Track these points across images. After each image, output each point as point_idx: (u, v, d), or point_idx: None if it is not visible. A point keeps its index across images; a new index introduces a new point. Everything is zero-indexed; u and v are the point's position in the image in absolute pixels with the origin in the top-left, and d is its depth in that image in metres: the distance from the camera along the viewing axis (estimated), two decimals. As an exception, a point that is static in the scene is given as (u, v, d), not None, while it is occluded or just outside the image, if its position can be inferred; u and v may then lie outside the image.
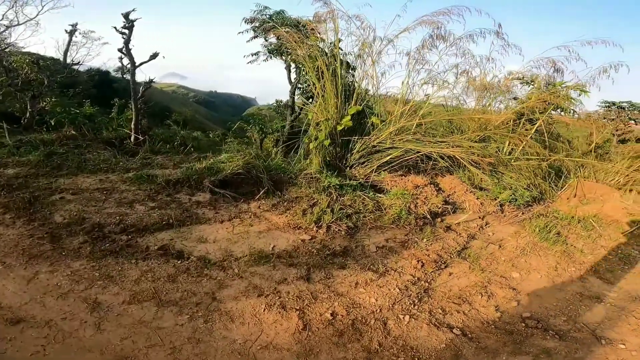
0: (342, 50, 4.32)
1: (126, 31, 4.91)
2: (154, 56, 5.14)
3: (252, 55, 7.84)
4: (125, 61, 5.11)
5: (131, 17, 4.90)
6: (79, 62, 11.60)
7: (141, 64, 5.04)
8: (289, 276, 2.38)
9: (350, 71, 4.77)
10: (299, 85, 7.05)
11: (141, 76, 5.36)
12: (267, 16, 6.96)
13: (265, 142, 7.55)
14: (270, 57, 7.59)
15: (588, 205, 4.01)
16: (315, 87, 4.15)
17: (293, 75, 7.29)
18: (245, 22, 7.12)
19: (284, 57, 7.33)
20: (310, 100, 5.94)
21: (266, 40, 7.40)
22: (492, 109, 5.20)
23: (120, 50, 5.01)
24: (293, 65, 7.01)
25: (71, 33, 12.76)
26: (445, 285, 2.60)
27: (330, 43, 4.50)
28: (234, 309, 2.03)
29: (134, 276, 2.21)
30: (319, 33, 4.52)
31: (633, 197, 4.25)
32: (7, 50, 8.13)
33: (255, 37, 7.41)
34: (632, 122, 8.29)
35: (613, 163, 4.75)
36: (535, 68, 4.78)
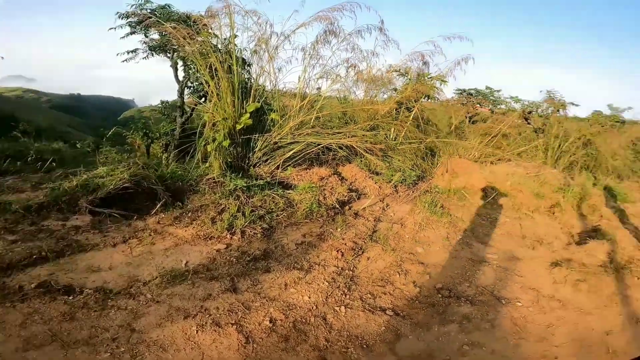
0: (237, 46, 4.11)
1: None
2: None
3: (129, 53, 6.76)
4: None
5: None
6: None
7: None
8: (212, 291, 2.18)
9: (247, 68, 4.59)
10: (189, 84, 6.43)
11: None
12: (149, 10, 6.08)
13: (153, 149, 6.69)
14: (152, 55, 6.68)
15: (458, 179, 4.81)
16: (209, 86, 3.85)
17: (181, 74, 6.59)
18: (120, 17, 6.06)
19: (169, 55, 6.55)
20: (204, 99, 5.50)
21: (146, 37, 6.47)
22: (379, 99, 5.77)
23: None
24: (181, 63, 6.32)
25: None
26: (366, 270, 2.74)
27: (225, 39, 4.23)
28: (162, 336, 1.76)
29: (16, 321, 1.72)
30: (211, 29, 4.19)
31: (488, 168, 5.32)
32: None
33: (132, 33, 6.39)
34: (478, 105, 10.37)
35: (469, 141, 5.84)
36: (410, 61, 5.45)
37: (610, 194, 6.12)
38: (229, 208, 3.10)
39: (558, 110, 7.51)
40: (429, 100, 6.77)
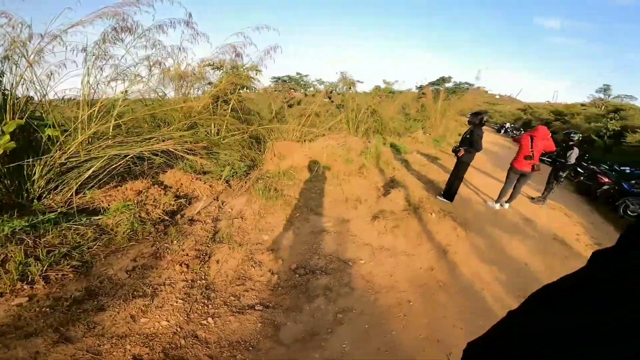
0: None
1: None
2: None
3: None
4: None
5: None
6: None
7: None
8: (38, 347, 1.74)
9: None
10: None
11: None
12: None
13: None
14: None
15: (285, 160, 5.22)
16: None
17: None
18: None
19: None
20: None
21: None
22: (192, 96, 5.46)
23: None
24: None
25: None
26: (220, 274, 2.65)
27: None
28: None
29: None
30: None
31: (308, 146, 5.98)
32: None
33: None
34: (292, 90, 11.43)
35: (289, 124, 6.39)
36: (222, 54, 5.42)
37: (395, 150, 8.08)
38: (12, 256, 2.34)
39: (350, 88, 9.17)
40: (247, 90, 6.92)
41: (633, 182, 7.65)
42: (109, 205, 3.22)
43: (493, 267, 3.54)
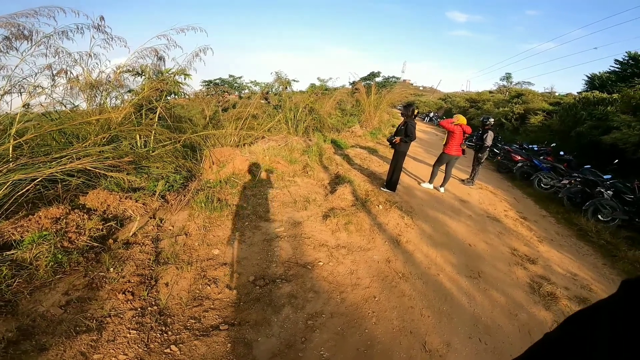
0: None
1: None
2: None
3: None
4: None
5: None
6: None
7: None
8: None
9: None
10: None
11: None
12: None
13: None
14: None
15: (225, 168, 4.98)
16: None
17: None
18: None
19: None
20: None
21: None
22: (111, 106, 4.89)
23: None
24: None
25: None
26: (173, 297, 2.43)
27: None
28: None
29: None
30: None
31: (247, 149, 5.78)
32: None
33: None
34: (226, 93, 10.96)
35: (225, 128, 6.09)
36: (141, 58, 4.92)
37: (336, 145, 8.25)
38: None
39: (286, 88, 9.11)
40: (175, 97, 6.44)
41: (542, 157, 8.90)
42: (21, 237, 2.73)
43: (444, 251, 3.80)
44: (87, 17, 3.95)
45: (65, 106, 4.18)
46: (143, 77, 5.69)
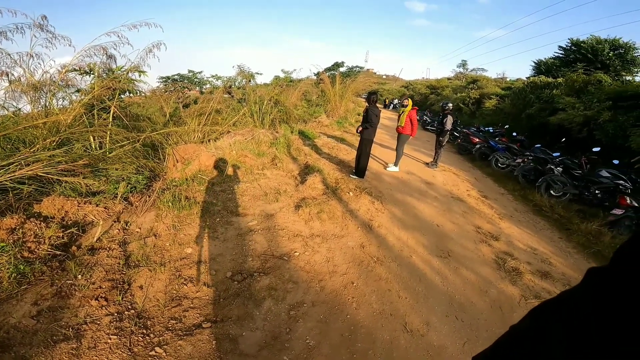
0: None
1: None
2: None
3: None
4: None
5: None
6: None
7: None
8: None
9: None
10: None
11: None
12: None
13: None
14: None
15: (190, 165, 4.83)
16: None
17: None
18: None
19: None
20: None
21: None
22: (56, 108, 4.55)
23: None
24: None
25: None
26: (149, 300, 2.37)
27: None
28: None
29: None
30: None
31: (213, 145, 5.63)
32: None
33: None
34: (186, 89, 10.54)
35: (187, 125, 5.89)
36: (89, 57, 4.66)
37: (304, 136, 8.25)
38: None
39: (249, 81, 8.92)
40: (130, 95, 6.11)
41: (497, 138, 9.49)
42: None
43: (414, 233, 3.96)
44: (27, 17, 3.67)
45: (7, 110, 3.84)
46: (92, 76, 5.36)
